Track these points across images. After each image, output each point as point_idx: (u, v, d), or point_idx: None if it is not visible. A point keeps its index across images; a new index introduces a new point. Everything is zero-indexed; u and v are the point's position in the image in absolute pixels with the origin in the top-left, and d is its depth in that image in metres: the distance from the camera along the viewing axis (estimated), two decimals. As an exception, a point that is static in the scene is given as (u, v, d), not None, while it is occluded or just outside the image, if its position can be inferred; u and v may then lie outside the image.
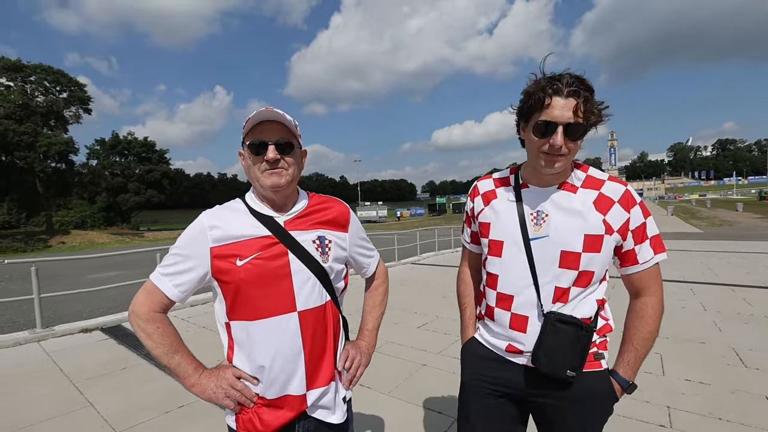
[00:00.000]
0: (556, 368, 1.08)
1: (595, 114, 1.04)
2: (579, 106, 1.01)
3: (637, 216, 1.11)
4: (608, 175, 1.16)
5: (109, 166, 49.97)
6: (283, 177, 1.07)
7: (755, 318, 4.63)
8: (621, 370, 1.16)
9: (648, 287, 1.15)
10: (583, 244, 1.09)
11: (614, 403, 1.17)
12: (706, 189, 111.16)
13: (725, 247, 11.68)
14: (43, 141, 33.67)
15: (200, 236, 1.06)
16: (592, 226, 1.09)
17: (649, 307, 1.15)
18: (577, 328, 1.08)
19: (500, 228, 1.20)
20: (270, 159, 1.05)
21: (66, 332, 4.76)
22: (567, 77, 1.02)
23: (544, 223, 1.13)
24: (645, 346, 1.15)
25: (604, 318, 1.17)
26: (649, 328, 1.14)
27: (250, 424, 1.06)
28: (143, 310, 1.04)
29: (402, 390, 3.10)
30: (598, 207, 1.10)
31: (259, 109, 1.05)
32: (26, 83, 35.56)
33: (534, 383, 1.16)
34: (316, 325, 1.09)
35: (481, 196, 1.29)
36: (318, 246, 1.12)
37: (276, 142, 1.06)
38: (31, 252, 28.35)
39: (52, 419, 2.78)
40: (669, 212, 34.07)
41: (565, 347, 1.08)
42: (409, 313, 5.31)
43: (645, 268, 1.14)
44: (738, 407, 2.65)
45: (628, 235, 1.11)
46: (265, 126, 1.06)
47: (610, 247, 1.12)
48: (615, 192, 1.11)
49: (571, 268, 1.10)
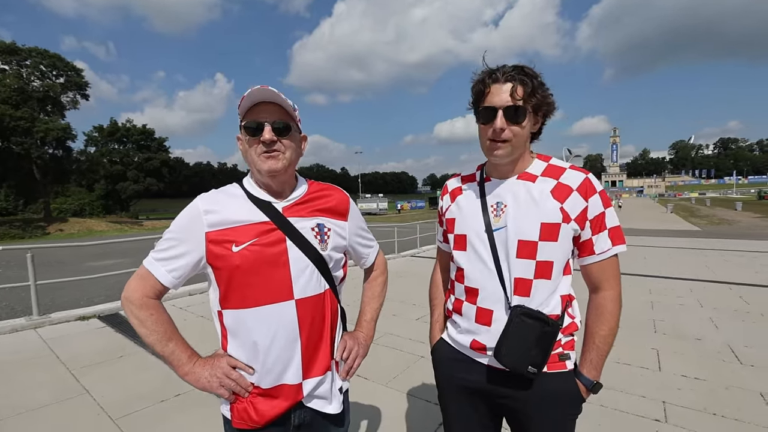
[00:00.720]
0: (517, 363, 1.06)
1: (537, 97, 1.05)
2: (516, 88, 1.04)
3: (596, 205, 1.09)
4: (570, 164, 1.15)
5: (108, 154, 49.59)
6: (279, 161, 1.04)
7: (751, 315, 4.65)
8: (585, 371, 1.14)
9: (606, 280, 1.13)
10: (540, 232, 1.07)
11: (581, 403, 1.15)
12: (706, 188, 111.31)
13: (723, 246, 11.70)
14: (40, 127, 33.33)
15: (195, 220, 1.03)
16: (548, 215, 1.08)
17: (608, 302, 1.13)
18: (543, 323, 1.07)
19: (463, 222, 1.20)
20: (266, 140, 1.01)
21: (63, 320, 4.76)
22: (505, 66, 1.07)
23: (503, 214, 1.12)
24: (606, 343, 1.13)
25: (571, 316, 1.16)
26: (609, 325, 1.13)
27: (245, 414, 1.04)
28: (136, 296, 1.02)
29: (399, 381, 3.11)
30: (556, 195, 1.09)
31: (253, 87, 1.00)
32: (22, 67, 35.03)
33: (499, 383, 1.15)
34: (314, 313, 1.07)
35: (449, 194, 1.31)
36: (317, 233, 1.09)
37: (273, 123, 1.02)
38: (29, 239, 28.30)
39: (49, 406, 2.78)
40: (669, 210, 34.14)
41: (529, 342, 1.06)
42: (407, 305, 5.33)
43: (602, 259, 1.12)
44: (732, 403, 2.66)
45: (585, 225, 1.10)
46: (261, 107, 1.03)
47: (569, 236, 1.10)
48: (574, 180, 1.10)
49: (528, 258, 1.09)
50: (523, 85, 1.04)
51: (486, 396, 1.20)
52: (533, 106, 1.06)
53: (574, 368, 1.17)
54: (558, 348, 1.13)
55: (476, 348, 1.17)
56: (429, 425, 2.49)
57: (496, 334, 1.11)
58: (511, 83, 1.04)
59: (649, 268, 7.85)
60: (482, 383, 1.18)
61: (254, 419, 1.04)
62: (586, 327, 1.18)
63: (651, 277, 7.04)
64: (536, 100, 1.06)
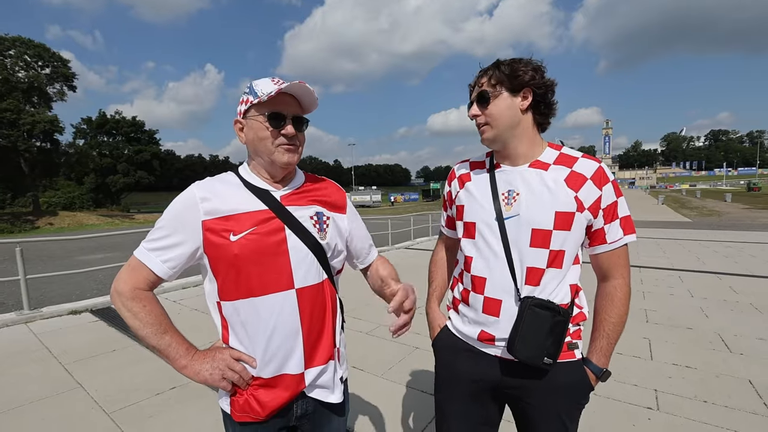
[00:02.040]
0: (533, 356, 1.05)
1: (498, 74, 1.11)
2: (482, 77, 1.15)
3: (609, 194, 1.10)
4: (582, 153, 1.15)
5: (97, 146, 48.69)
6: (296, 155, 1.05)
7: (740, 305, 4.74)
8: (594, 358, 1.15)
9: (615, 269, 1.14)
10: (554, 221, 1.07)
11: (589, 392, 1.15)
12: (697, 179, 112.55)
13: (713, 237, 11.89)
14: (27, 119, 32.50)
15: (191, 208, 1.00)
16: (563, 203, 1.07)
17: (618, 290, 1.14)
18: (555, 313, 1.06)
19: (473, 209, 1.19)
20: (289, 134, 1.02)
21: (54, 314, 4.70)
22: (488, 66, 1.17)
23: (515, 202, 1.11)
24: (616, 331, 1.14)
25: (579, 306, 1.16)
26: (619, 312, 1.14)
27: (246, 406, 1.03)
28: (127, 287, 0.98)
29: (395, 372, 3.13)
30: (570, 184, 1.09)
31: (292, 81, 1.00)
32: (5, 57, 34.03)
33: (509, 375, 1.14)
34: (314, 303, 1.06)
35: (458, 179, 1.29)
36: (315, 222, 1.08)
37: (293, 116, 1.03)
38: (18, 233, 27.85)
39: (42, 400, 2.75)
40: (660, 201, 34.53)
41: (543, 333, 1.05)
42: (402, 297, 5.35)
43: (613, 248, 1.13)
44: (722, 390, 2.72)
45: (599, 213, 1.10)
46: (286, 98, 1.02)
47: (582, 226, 1.10)
48: (588, 169, 1.10)
49: (542, 247, 1.08)
50: (486, 73, 1.14)
51: (491, 387, 1.19)
52: (505, 86, 1.10)
53: (582, 357, 1.17)
54: (566, 337, 1.12)
55: (484, 339, 1.15)
56: (425, 415, 2.51)
57: (504, 324, 1.11)
58: (484, 75, 1.15)
59: (640, 259, 7.95)
60: (489, 374, 1.17)
61: (257, 411, 1.02)
62: (595, 315, 1.18)
63: (643, 267, 7.13)
64: (500, 77, 1.10)
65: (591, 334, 1.18)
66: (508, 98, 1.10)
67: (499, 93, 1.10)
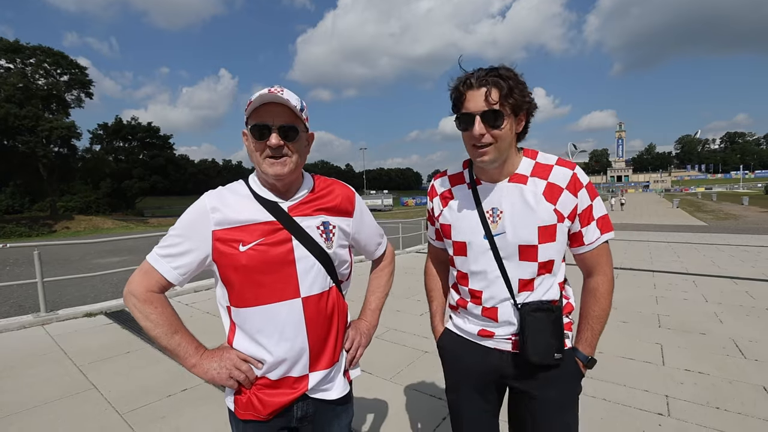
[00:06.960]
0: (545, 356, 1.12)
1: (514, 97, 1.04)
2: (490, 92, 1.03)
3: (584, 199, 1.14)
4: (556, 158, 1.17)
5: (113, 152, 49.92)
6: (286, 166, 1.02)
7: (756, 310, 4.63)
8: (581, 347, 1.22)
9: (598, 266, 1.20)
10: (538, 236, 1.12)
11: (581, 379, 1.23)
12: (713, 182, 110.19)
13: (729, 241, 11.61)
14: (45, 125, 33.46)
15: (202, 218, 1.03)
16: (543, 218, 1.11)
17: (600, 286, 1.20)
18: (550, 312, 1.13)
19: (461, 230, 1.21)
20: (273, 145, 0.99)
21: (70, 316, 4.82)
22: (478, 71, 1.07)
23: (500, 220, 1.15)
24: (600, 323, 1.21)
25: (566, 297, 1.23)
26: (602, 306, 1.20)
27: (249, 405, 1.06)
28: (140, 290, 1.02)
29: (403, 376, 3.13)
30: (548, 197, 1.12)
31: (261, 91, 0.99)
32: (26, 65, 35.10)
33: (507, 365, 1.20)
34: (320, 310, 1.08)
35: (439, 196, 1.30)
36: (322, 232, 1.10)
37: (279, 126, 1.00)
38: (36, 237, 28.56)
39: (57, 401, 2.82)
40: (675, 205, 33.86)
41: (547, 333, 1.12)
42: (412, 300, 5.35)
43: (592, 248, 1.18)
44: (736, 397, 2.66)
45: (575, 219, 1.15)
46: (269, 107, 1.00)
47: (564, 233, 1.16)
48: (562, 178, 1.13)
49: (530, 261, 1.14)
50: (498, 87, 1.03)
51: (494, 379, 1.24)
52: (512, 107, 1.05)
53: (572, 347, 1.23)
54: None
55: (484, 335, 1.22)
56: (432, 420, 2.51)
57: (503, 324, 1.19)
58: (485, 87, 1.04)
59: (654, 263, 7.82)
60: (491, 365, 1.23)
61: (258, 409, 1.05)
62: (581, 308, 1.26)
63: (656, 272, 7.01)
64: (513, 101, 1.04)
65: (578, 326, 1.26)
66: (512, 120, 1.09)
67: (509, 115, 1.07)
